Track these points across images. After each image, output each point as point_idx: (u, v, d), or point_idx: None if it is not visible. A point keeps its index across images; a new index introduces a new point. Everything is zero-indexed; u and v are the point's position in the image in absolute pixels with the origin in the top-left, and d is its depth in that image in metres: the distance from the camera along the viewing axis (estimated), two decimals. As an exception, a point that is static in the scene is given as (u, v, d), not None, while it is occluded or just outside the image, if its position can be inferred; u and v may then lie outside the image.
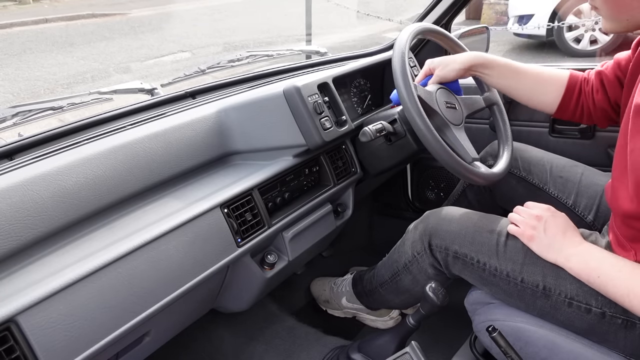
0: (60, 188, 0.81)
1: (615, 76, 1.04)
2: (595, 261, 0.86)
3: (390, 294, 1.26)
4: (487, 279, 1.00)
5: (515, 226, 0.98)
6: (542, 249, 0.93)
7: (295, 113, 1.09)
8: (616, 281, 0.82)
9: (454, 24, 1.66)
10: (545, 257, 0.93)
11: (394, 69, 1.03)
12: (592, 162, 1.26)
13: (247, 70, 1.44)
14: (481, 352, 1.08)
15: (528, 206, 0.99)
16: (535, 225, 0.94)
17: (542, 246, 0.93)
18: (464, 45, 1.28)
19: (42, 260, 0.77)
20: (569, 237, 0.92)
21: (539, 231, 0.93)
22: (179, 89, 1.24)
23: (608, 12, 0.83)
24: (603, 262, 0.85)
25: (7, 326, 0.66)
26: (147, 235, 0.83)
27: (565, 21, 5.07)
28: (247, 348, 1.39)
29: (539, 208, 0.97)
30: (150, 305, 0.83)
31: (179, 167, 1.00)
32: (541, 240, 0.93)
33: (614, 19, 0.83)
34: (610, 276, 0.83)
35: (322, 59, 1.55)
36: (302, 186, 1.19)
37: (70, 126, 1.00)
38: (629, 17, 0.81)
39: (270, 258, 1.11)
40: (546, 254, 0.92)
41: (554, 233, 0.92)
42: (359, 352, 1.19)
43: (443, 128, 1.09)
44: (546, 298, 0.92)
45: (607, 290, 0.83)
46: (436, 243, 1.07)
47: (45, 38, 6.90)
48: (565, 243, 0.91)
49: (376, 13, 6.16)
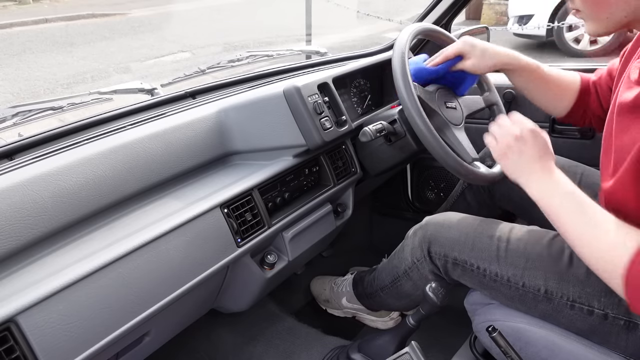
0: (60, 188, 0.81)
1: (608, 87, 1.05)
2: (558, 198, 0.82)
3: (390, 298, 1.26)
4: (487, 284, 0.99)
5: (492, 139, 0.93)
6: (508, 170, 0.89)
7: (295, 113, 1.09)
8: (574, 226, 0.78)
9: (454, 24, 1.66)
10: (510, 177, 0.89)
11: (394, 69, 1.03)
12: (592, 162, 1.25)
13: (247, 70, 1.44)
14: (481, 352, 1.08)
15: (513, 120, 0.92)
16: (511, 145, 0.88)
17: (509, 167, 0.89)
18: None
19: (42, 260, 0.77)
20: (542, 163, 0.87)
21: (513, 152, 0.88)
22: (179, 89, 1.23)
23: (588, 11, 0.82)
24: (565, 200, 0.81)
25: (7, 326, 0.66)
26: (147, 235, 0.83)
27: (565, 21, 5.07)
28: (247, 348, 1.39)
29: (522, 126, 0.90)
30: (150, 306, 0.83)
31: (179, 167, 1.00)
32: (513, 161, 0.88)
33: (595, 18, 0.82)
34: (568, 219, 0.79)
35: (322, 59, 1.55)
36: (302, 186, 1.19)
37: (70, 126, 0.99)
38: (608, 14, 0.80)
39: (270, 258, 1.11)
40: (512, 174, 0.89)
41: (528, 157, 0.87)
42: (359, 352, 1.19)
43: (443, 128, 1.09)
44: (548, 301, 0.91)
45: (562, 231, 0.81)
46: (435, 250, 1.06)
47: (45, 38, 6.90)
48: (535, 169, 0.86)
49: (376, 13, 6.15)
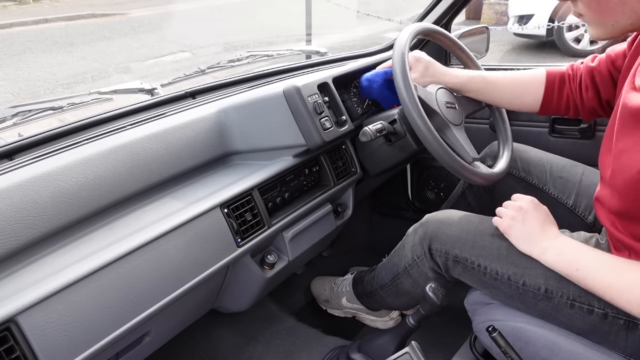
0: (60, 188, 0.81)
1: (609, 73, 1.03)
2: (571, 254, 0.87)
3: (390, 297, 1.26)
4: (487, 283, 1.00)
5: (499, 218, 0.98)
6: (518, 240, 0.94)
7: (295, 113, 1.09)
8: (596, 273, 0.82)
9: (454, 24, 1.66)
10: (520, 249, 0.93)
11: (394, 69, 1.03)
12: (592, 162, 1.25)
13: (247, 70, 1.44)
14: (481, 352, 1.08)
15: (514, 198, 1.00)
16: (515, 216, 0.94)
17: (518, 237, 0.94)
18: (464, 45, 1.28)
19: (42, 260, 0.77)
20: (546, 229, 0.92)
21: (517, 221, 0.94)
22: (179, 89, 1.23)
23: (592, 18, 0.81)
24: (581, 254, 0.86)
25: (7, 326, 0.66)
26: (147, 235, 0.83)
27: (565, 21, 5.08)
28: (247, 348, 1.39)
29: (523, 200, 0.97)
30: (150, 306, 0.83)
31: (179, 167, 1.00)
32: (518, 231, 0.93)
33: (599, 24, 0.81)
34: (589, 268, 0.83)
35: (322, 59, 1.55)
36: (302, 186, 1.19)
37: (70, 126, 0.99)
38: (613, 22, 0.79)
39: (270, 258, 1.11)
40: (522, 245, 0.93)
41: (531, 225, 0.92)
42: (359, 352, 1.19)
43: (443, 128, 1.09)
44: (548, 300, 0.92)
45: (587, 283, 0.84)
46: (436, 247, 1.06)
47: (45, 38, 6.90)
48: (541, 235, 0.91)
49: (376, 13, 6.16)
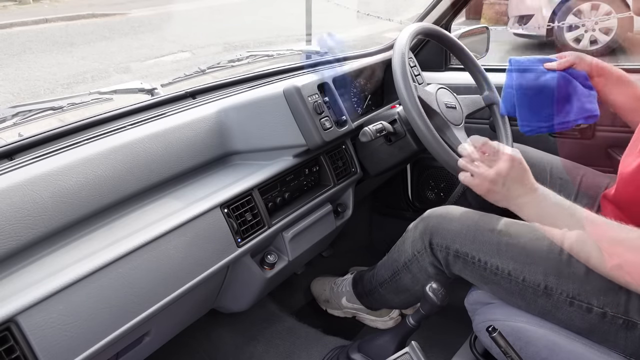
0: (60, 188, 0.81)
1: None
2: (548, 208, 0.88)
3: (390, 294, 1.26)
4: (488, 278, 1.00)
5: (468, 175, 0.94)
6: (500, 202, 0.93)
7: (295, 113, 1.09)
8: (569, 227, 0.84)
9: (454, 24, 1.66)
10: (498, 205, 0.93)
11: (394, 69, 1.03)
12: (592, 162, 1.26)
13: (247, 70, 1.44)
14: (481, 352, 1.08)
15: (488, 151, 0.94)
16: (495, 180, 0.91)
17: (500, 199, 0.93)
18: (464, 45, 1.29)
19: (42, 260, 0.77)
20: (524, 184, 0.90)
21: (498, 185, 0.91)
22: (179, 89, 1.23)
23: None
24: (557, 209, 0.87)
25: (7, 326, 0.66)
26: (147, 235, 0.83)
27: (565, 21, 5.08)
28: (247, 348, 1.39)
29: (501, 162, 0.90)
30: (150, 305, 0.83)
31: (179, 167, 1.00)
32: (499, 193, 0.92)
33: None
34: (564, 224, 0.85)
35: (322, 59, 1.55)
36: (302, 186, 1.19)
37: (70, 126, 0.99)
38: None
39: (270, 258, 1.11)
40: (500, 203, 0.93)
41: (512, 185, 0.90)
42: (359, 352, 1.19)
43: (443, 128, 1.09)
44: (547, 297, 0.92)
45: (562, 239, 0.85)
46: (437, 242, 1.06)
47: (45, 38, 6.90)
48: (520, 191, 0.90)
49: (376, 13, 6.15)
